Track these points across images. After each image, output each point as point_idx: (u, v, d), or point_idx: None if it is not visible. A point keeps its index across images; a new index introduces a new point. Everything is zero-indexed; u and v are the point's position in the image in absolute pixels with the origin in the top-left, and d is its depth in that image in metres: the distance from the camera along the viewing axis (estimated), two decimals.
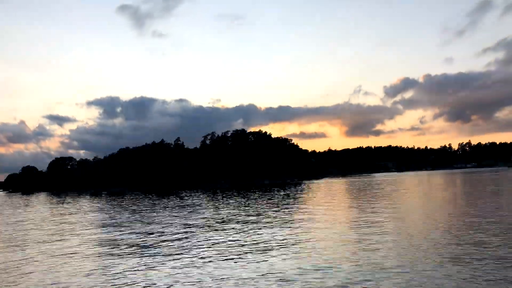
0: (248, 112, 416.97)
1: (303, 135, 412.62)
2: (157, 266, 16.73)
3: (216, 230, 26.76)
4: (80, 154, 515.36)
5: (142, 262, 17.49)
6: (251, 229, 25.98)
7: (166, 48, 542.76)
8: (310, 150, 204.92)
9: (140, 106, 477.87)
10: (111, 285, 14.22)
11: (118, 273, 15.90)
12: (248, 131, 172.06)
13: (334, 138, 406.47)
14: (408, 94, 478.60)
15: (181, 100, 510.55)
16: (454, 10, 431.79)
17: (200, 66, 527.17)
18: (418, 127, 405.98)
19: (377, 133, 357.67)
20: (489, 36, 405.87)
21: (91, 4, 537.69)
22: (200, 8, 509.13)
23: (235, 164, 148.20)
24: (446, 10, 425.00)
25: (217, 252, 18.88)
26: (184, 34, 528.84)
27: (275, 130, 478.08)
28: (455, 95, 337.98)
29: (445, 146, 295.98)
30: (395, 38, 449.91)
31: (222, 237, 23.33)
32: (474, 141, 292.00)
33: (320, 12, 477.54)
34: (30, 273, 16.89)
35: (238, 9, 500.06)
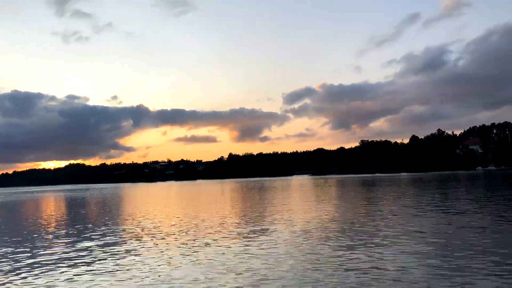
0: (138, 113, 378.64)
1: (193, 139, 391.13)
2: None
3: None
4: None
5: None
6: None
7: (81, 32, 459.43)
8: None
9: (22, 102, 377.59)
10: None
11: None
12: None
13: (223, 143, 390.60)
14: (302, 102, 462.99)
15: (72, 97, 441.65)
16: (383, 22, 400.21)
17: (104, 59, 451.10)
18: (304, 134, 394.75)
19: (264, 139, 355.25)
20: (401, 48, 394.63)
21: None
22: None
23: None
24: (375, 21, 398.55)
25: None
26: (106, 16, 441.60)
27: (161, 133, 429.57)
28: (347, 104, 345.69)
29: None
30: (315, 47, 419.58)
31: None
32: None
33: (236, 17, 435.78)
34: None
35: None
